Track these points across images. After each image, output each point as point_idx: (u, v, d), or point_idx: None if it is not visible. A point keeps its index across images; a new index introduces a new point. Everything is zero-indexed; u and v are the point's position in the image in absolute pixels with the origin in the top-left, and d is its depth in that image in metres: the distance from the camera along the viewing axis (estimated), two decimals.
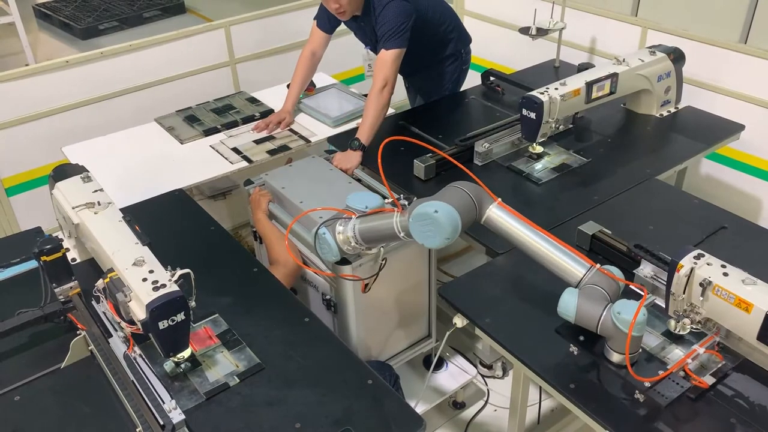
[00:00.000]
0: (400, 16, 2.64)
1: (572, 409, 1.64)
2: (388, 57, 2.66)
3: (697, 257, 1.60)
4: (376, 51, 2.79)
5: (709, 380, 1.63)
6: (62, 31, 6.14)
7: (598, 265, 1.70)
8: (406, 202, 1.83)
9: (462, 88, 3.32)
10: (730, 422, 1.54)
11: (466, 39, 3.21)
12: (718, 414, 1.57)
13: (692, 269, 1.58)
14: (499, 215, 1.76)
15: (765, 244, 2.11)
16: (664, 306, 1.70)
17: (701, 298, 1.57)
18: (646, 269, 1.91)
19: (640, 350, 1.67)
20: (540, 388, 2.35)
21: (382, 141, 1.99)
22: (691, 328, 1.64)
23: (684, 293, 1.60)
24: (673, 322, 1.67)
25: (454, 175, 2.56)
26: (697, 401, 1.59)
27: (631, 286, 1.83)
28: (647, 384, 1.59)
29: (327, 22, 2.97)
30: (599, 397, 1.63)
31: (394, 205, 1.81)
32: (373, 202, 1.89)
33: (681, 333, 1.67)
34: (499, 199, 1.78)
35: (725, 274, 1.55)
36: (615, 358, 1.66)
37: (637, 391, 1.60)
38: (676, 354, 1.71)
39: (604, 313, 1.61)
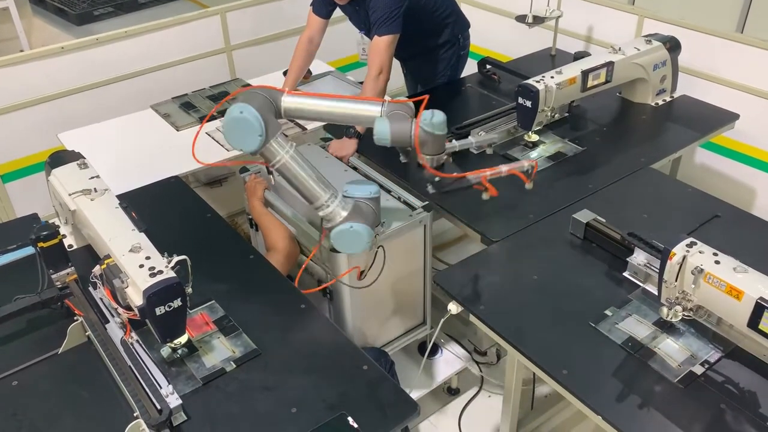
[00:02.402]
0: (392, 2, 2.64)
1: (565, 395, 1.66)
2: (382, 43, 2.66)
3: (690, 245, 1.62)
4: (369, 36, 2.78)
5: (698, 370, 1.66)
6: (57, 16, 6.09)
7: (388, 98, 1.96)
8: None
9: (461, 75, 3.31)
10: (720, 408, 1.57)
11: (464, 24, 3.19)
12: (709, 400, 1.59)
13: (685, 257, 1.59)
14: (291, 100, 1.92)
15: (758, 232, 2.13)
16: (656, 293, 1.72)
17: (693, 286, 1.59)
18: (639, 257, 1.93)
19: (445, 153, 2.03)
20: (533, 374, 2.37)
21: None
22: (683, 315, 1.66)
23: (676, 281, 1.62)
24: (665, 310, 1.69)
25: (449, 163, 2.58)
26: (688, 388, 1.62)
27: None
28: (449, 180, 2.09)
29: (323, 7, 2.95)
30: (592, 384, 1.65)
31: None
32: (370, 189, 1.93)
33: (673, 320, 1.69)
34: (287, 89, 1.96)
35: (717, 262, 1.57)
36: (428, 159, 1.99)
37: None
38: (667, 344, 1.73)
39: (413, 126, 1.90)
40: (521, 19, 3.31)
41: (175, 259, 1.58)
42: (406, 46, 2.78)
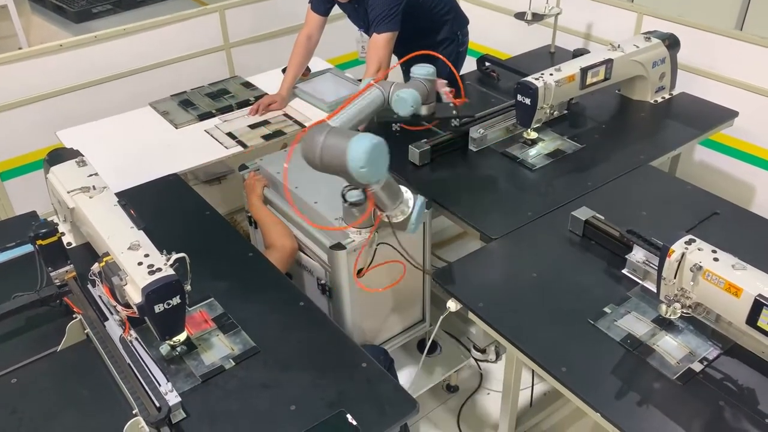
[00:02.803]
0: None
1: (564, 392, 1.67)
2: (381, 40, 2.65)
3: (689, 242, 1.62)
4: (368, 34, 2.78)
5: (697, 367, 1.66)
6: (55, 14, 6.08)
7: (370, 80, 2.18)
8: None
9: (460, 71, 3.31)
10: (719, 405, 1.57)
11: (462, 21, 3.19)
12: (707, 397, 1.59)
13: (683, 254, 1.60)
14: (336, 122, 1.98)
15: (756, 230, 2.13)
16: (655, 291, 1.72)
17: (692, 283, 1.59)
18: (638, 254, 1.93)
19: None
20: (533, 371, 2.37)
21: (377, 126, 2.01)
22: (682, 312, 1.66)
23: (675, 278, 1.62)
24: (664, 307, 1.69)
25: (448, 161, 2.59)
26: (687, 385, 1.62)
27: None
28: None
29: (322, 4, 2.95)
30: (591, 381, 1.65)
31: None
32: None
33: (672, 317, 1.69)
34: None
35: (716, 260, 1.57)
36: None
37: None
38: (666, 341, 1.73)
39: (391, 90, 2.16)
40: (520, 16, 3.31)
41: (174, 256, 1.58)
42: (404, 43, 2.78)
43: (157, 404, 1.50)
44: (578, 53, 2.92)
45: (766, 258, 1.65)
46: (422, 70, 2.31)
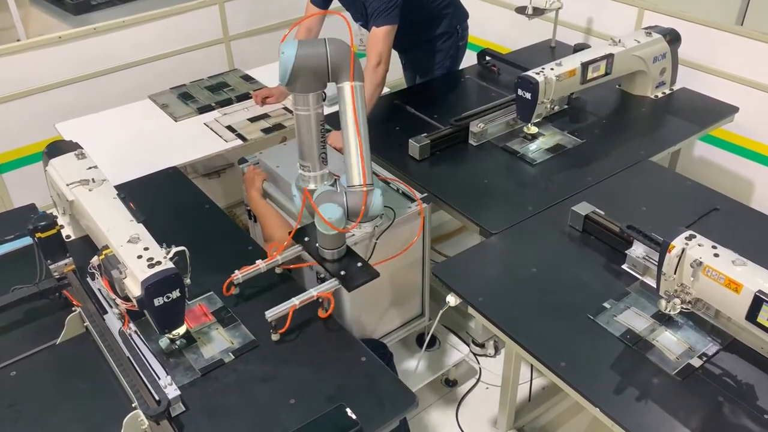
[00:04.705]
0: None
1: (563, 387, 1.67)
2: (380, 33, 2.64)
3: (689, 238, 1.61)
4: (367, 27, 2.77)
5: (696, 362, 1.66)
6: (54, 5, 6.04)
7: (366, 189, 1.88)
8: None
9: (460, 66, 3.30)
10: (718, 400, 1.57)
11: (462, 15, 3.18)
12: (706, 393, 1.59)
13: (683, 250, 1.59)
14: (347, 94, 1.87)
15: (756, 225, 2.13)
16: (655, 286, 1.72)
17: (692, 279, 1.59)
18: (638, 250, 1.93)
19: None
20: (531, 366, 2.38)
21: (377, 119, 1.99)
22: (682, 308, 1.66)
23: (675, 274, 1.62)
24: (663, 302, 1.69)
25: (448, 155, 2.59)
26: (686, 380, 1.62)
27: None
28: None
29: None
30: (590, 376, 1.65)
31: None
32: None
33: (671, 313, 1.69)
34: (359, 84, 1.90)
35: (716, 255, 1.57)
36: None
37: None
38: (665, 336, 1.73)
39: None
40: (521, 10, 3.30)
41: (174, 250, 1.58)
42: (404, 37, 2.77)
43: (157, 397, 1.50)
44: (579, 48, 2.91)
45: (766, 254, 1.65)
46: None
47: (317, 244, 1.93)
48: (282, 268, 1.97)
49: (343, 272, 1.88)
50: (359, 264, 1.92)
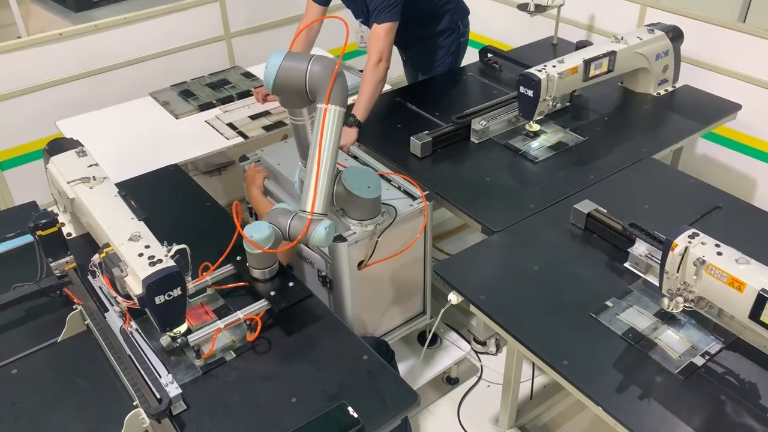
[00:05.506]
0: None
1: (565, 385, 1.66)
2: (381, 31, 2.64)
3: (692, 236, 1.61)
4: (368, 24, 2.76)
5: (699, 361, 1.65)
6: (55, 2, 6.03)
7: (311, 217, 1.75)
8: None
9: (461, 63, 3.29)
10: (721, 399, 1.57)
11: (463, 11, 3.17)
12: (709, 392, 1.59)
13: (686, 248, 1.59)
14: (318, 117, 1.75)
15: (759, 223, 2.13)
16: (657, 284, 1.71)
17: (695, 277, 1.58)
18: (640, 248, 1.92)
19: None
20: (533, 364, 2.37)
21: (378, 117, 1.98)
22: (684, 306, 1.66)
23: (678, 272, 1.61)
24: (666, 301, 1.68)
25: (450, 153, 2.58)
26: (688, 379, 1.61)
27: None
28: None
29: None
30: (592, 374, 1.64)
31: None
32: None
33: (674, 311, 1.69)
34: (336, 108, 1.76)
35: (719, 254, 1.56)
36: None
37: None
38: (668, 335, 1.73)
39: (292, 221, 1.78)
40: (523, 7, 3.29)
41: (175, 247, 1.57)
42: (404, 33, 2.76)
43: (158, 396, 1.50)
44: (581, 45, 2.90)
45: None
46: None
47: (247, 264, 1.89)
48: (214, 288, 1.89)
49: (272, 293, 1.84)
50: (291, 284, 1.87)
